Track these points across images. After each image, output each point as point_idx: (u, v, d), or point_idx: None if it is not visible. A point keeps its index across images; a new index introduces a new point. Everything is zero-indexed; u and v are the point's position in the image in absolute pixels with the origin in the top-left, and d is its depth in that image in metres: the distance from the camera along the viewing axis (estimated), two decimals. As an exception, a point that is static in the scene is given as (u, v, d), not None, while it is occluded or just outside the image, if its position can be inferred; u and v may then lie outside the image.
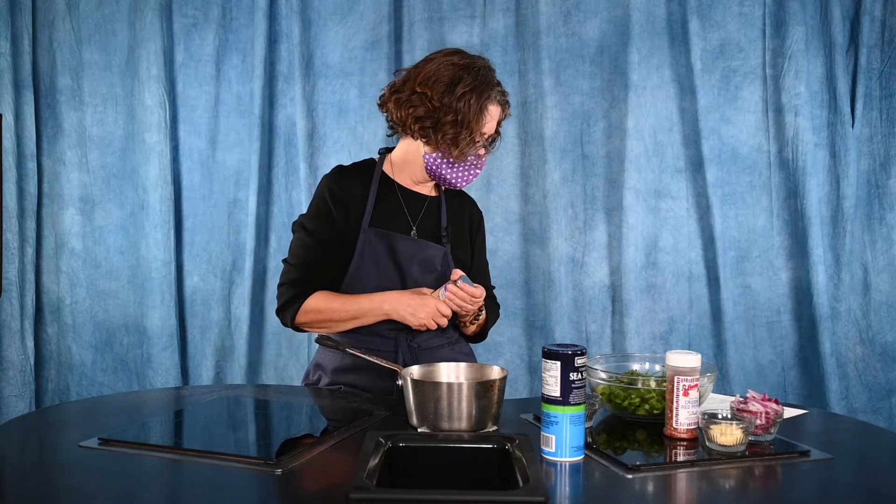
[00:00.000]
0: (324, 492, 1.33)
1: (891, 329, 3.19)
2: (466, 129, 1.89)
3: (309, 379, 2.12)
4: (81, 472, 1.42)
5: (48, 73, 3.31)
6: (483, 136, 1.95)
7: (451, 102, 1.89)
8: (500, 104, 1.96)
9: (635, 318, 3.19)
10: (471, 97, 1.89)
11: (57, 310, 3.35)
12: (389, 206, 2.01)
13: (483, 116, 1.91)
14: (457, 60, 1.94)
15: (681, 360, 1.59)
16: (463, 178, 1.99)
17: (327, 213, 1.97)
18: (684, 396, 1.58)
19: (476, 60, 1.96)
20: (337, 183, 1.99)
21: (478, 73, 1.93)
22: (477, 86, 1.91)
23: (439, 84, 1.90)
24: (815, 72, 3.17)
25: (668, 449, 1.57)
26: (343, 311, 1.93)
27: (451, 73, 1.91)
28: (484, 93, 1.91)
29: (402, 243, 1.97)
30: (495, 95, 1.94)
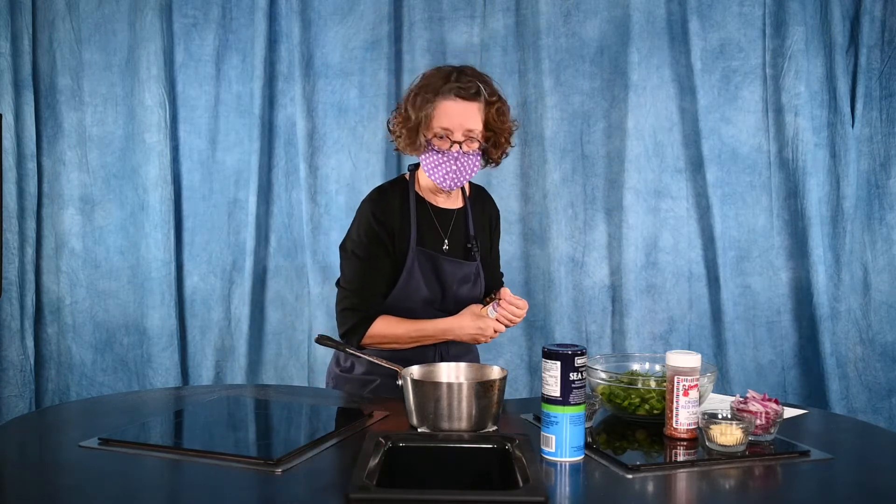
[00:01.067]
0: (324, 492, 1.33)
1: (891, 329, 3.19)
2: (414, 123, 1.95)
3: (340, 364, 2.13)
4: (81, 472, 1.42)
5: (48, 73, 3.31)
6: (447, 130, 1.94)
7: (406, 104, 1.99)
8: (462, 98, 1.94)
9: (635, 318, 3.19)
10: (419, 93, 1.96)
11: (57, 310, 3.35)
12: (425, 224, 2.07)
13: (430, 109, 1.93)
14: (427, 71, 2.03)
15: (681, 360, 1.59)
16: (441, 178, 1.98)
17: (375, 237, 2.01)
18: (684, 396, 1.58)
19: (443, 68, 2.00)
20: (380, 208, 2.04)
21: (432, 76, 1.98)
22: (428, 83, 1.96)
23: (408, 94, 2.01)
24: (815, 72, 3.17)
25: (668, 449, 1.57)
26: (408, 337, 2.01)
27: (417, 81, 2.01)
28: (432, 87, 1.94)
29: (447, 264, 2.06)
30: (450, 90, 1.93)
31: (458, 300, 2.08)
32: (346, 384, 2.09)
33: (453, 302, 2.08)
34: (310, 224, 3.27)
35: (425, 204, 2.09)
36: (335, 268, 3.29)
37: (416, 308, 2.04)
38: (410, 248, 2.02)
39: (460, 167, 1.96)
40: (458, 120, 1.94)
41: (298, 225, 3.33)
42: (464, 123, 1.95)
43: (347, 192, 3.28)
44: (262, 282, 3.35)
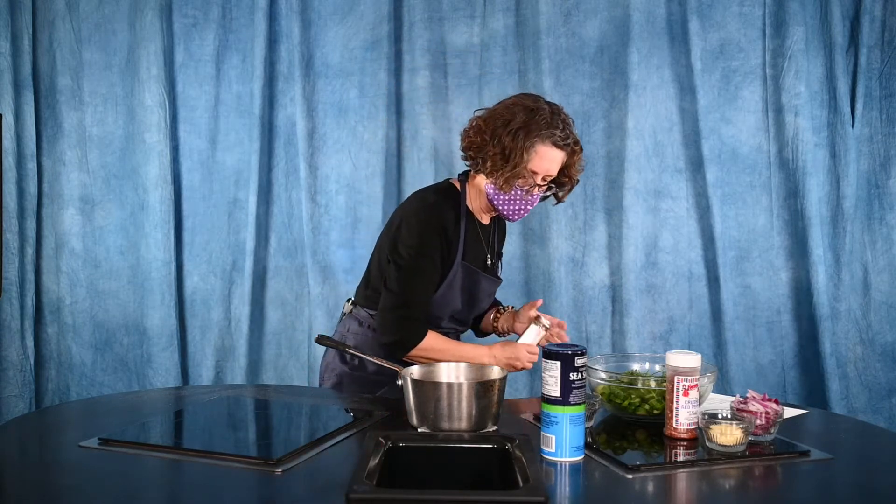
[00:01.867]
0: (324, 492, 1.33)
1: (891, 329, 3.19)
2: (511, 162, 1.96)
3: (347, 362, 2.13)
4: (81, 472, 1.42)
5: (48, 73, 3.30)
6: (534, 174, 1.99)
7: (501, 136, 1.97)
8: (557, 147, 1.98)
9: (635, 318, 3.19)
10: (520, 133, 1.96)
11: (57, 310, 3.35)
12: (471, 239, 2.10)
13: (529, 154, 1.96)
14: (524, 101, 2.02)
15: (681, 360, 1.59)
16: (513, 213, 2.06)
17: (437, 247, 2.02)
18: (684, 396, 1.58)
19: (543, 104, 2.01)
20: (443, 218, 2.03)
21: (536, 113, 1.98)
22: (529, 124, 1.96)
23: (498, 119, 2.00)
24: (815, 72, 3.17)
25: (668, 449, 1.57)
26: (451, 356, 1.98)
27: (512, 111, 2.00)
28: (535, 132, 1.96)
29: (485, 282, 2.12)
30: (550, 136, 1.97)
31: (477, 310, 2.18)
32: (354, 383, 2.09)
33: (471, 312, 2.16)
34: (310, 224, 3.27)
35: (473, 219, 2.12)
36: (335, 268, 3.31)
37: (441, 321, 2.09)
38: (456, 261, 2.05)
39: (531, 208, 2.07)
40: (547, 167, 2.00)
41: (298, 225, 3.33)
42: (550, 170, 2.01)
43: (347, 192, 3.28)
44: (262, 282, 3.35)
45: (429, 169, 3.28)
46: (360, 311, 2.15)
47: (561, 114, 2.01)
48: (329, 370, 2.16)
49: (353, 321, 2.15)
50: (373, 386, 2.07)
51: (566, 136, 1.99)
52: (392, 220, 2.10)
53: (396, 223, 2.06)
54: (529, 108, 1.99)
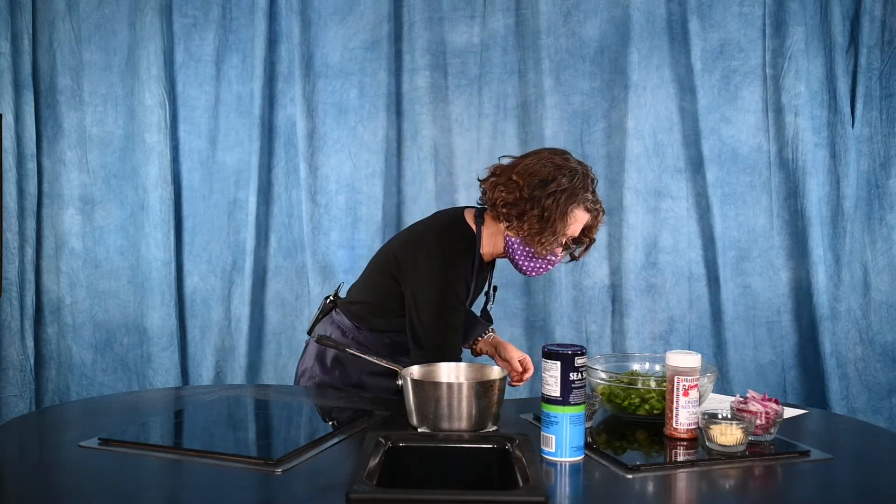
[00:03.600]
0: (324, 492, 1.33)
1: (891, 329, 3.19)
2: (550, 227, 1.94)
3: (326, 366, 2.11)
4: (81, 472, 1.42)
5: (48, 73, 3.30)
6: (566, 236, 1.99)
7: (540, 197, 1.93)
8: (588, 211, 1.99)
9: (635, 318, 3.19)
10: (560, 197, 1.93)
11: (57, 310, 3.35)
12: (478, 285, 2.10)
13: (568, 218, 1.95)
14: (558, 160, 1.98)
15: (681, 360, 1.59)
16: (534, 270, 2.05)
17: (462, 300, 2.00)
18: (684, 396, 1.58)
19: (576, 165, 1.99)
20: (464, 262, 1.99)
21: (573, 176, 1.96)
22: (568, 188, 1.94)
23: (534, 178, 1.95)
24: (815, 72, 3.17)
25: (668, 449, 1.57)
26: None
27: (549, 170, 1.95)
28: (574, 196, 1.94)
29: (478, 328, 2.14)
30: (585, 202, 1.97)
31: None
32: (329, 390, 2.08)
33: None
34: (310, 224, 3.27)
35: (483, 264, 2.08)
36: (335, 268, 3.31)
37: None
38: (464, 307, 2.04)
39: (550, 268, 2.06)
40: (576, 228, 2.00)
41: (298, 225, 3.33)
42: (577, 230, 2.01)
43: (347, 192, 3.28)
44: (262, 282, 3.35)
45: (429, 169, 3.28)
46: (342, 319, 2.11)
47: (590, 174, 2.00)
48: (307, 376, 2.12)
49: (336, 329, 2.11)
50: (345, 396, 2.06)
51: (596, 200, 2.01)
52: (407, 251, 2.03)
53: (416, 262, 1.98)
54: (568, 169, 1.96)
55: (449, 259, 1.97)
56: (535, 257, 2.01)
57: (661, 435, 1.63)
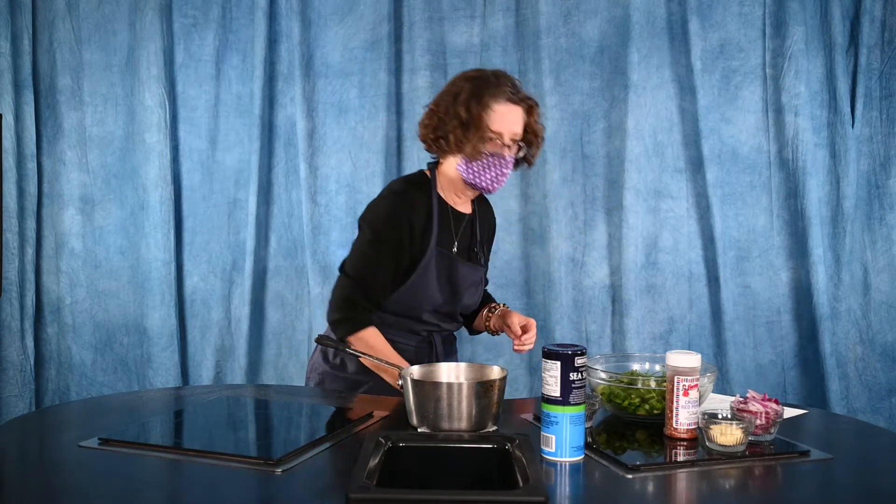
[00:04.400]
0: (324, 492, 1.33)
1: (891, 329, 3.19)
2: (474, 127, 1.97)
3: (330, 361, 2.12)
4: (81, 472, 1.42)
5: (48, 73, 3.31)
6: (499, 134, 1.99)
7: (455, 109, 1.99)
8: (513, 103, 2.00)
9: (635, 318, 3.18)
10: (471, 99, 1.98)
11: (57, 310, 3.35)
12: (443, 225, 2.09)
13: (487, 114, 1.97)
14: (465, 74, 2.06)
15: (681, 360, 1.59)
16: (489, 182, 2.03)
17: (398, 234, 2.01)
18: (684, 396, 1.58)
19: (485, 72, 2.04)
20: (407, 204, 2.04)
21: (479, 78, 2.02)
22: (477, 88, 1.99)
23: (445, 97, 2.03)
24: (815, 72, 3.17)
25: (668, 449, 1.57)
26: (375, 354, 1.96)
27: (458, 86, 2.03)
28: (486, 92, 1.98)
29: (462, 267, 2.10)
30: (501, 94, 1.98)
31: (464, 303, 2.13)
32: (335, 382, 2.09)
33: (456, 304, 2.11)
34: (310, 224, 3.27)
35: (446, 205, 2.10)
36: (335, 268, 3.28)
37: (421, 313, 2.05)
38: (430, 247, 2.03)
39: (507, 172, 2.03)
40: (510, 126, 2.00)
41: (298, 225, 3.33)
42: (513, 128, 2.01)
43: (347, 192, 3.28)
44: (262, 282, 3.35)
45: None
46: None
47: (506, 75, 2.04)
48: (313, 370, 2.16)
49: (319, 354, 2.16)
50: (353, 384, 2.06)
51: (517, 90, 2.02)
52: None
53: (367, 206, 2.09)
54: (473, 77, 2.02)
55: (391, 196, 2.06)
56: (484, 168, 2.01)
57: (661, 435, 1.62)
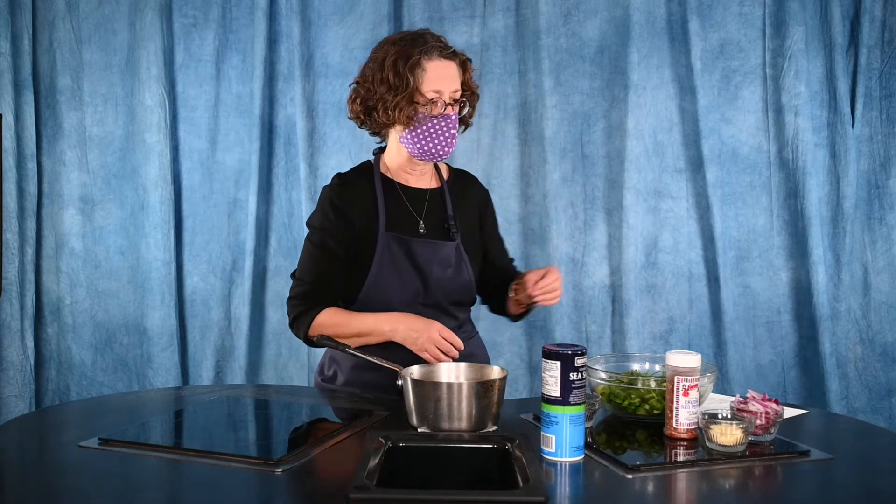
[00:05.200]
0: (324, 492, 1.33)
1: (891, 329, 3.19)
2: (401, 92, 1.86)
3: (324, 373, 2.09)
4: (81, 472, 1.42)
5: (48, 73, 3.31)
6: (439, 93, 1.87)
7: (383, 75, 1.88)
8: (446, 58, 1.88)
9: (635, 318, 3.18)
10: (398, 61, 1.87)
11: (57, 310, 3.35)
12: (395, 207, 1.98)
13: (416, 74, 1.85)
14: (391, 38, 1.95)
15: (681, 360, 1.59)
16: (436, 147, 1.90)
17: (333, 224, 1.95)
18: (684, 396, 1.58)
19: (410, 32, 1.94)
20: (338, 193, 1.97)
21: (406, 39, 1.90)
22: (404, 49, 1.88)
23: (371, 65, 1.93)
24: (815, 72, 3.17)
25: (668, 449, 1.57)
26: (348, 329, 1.90)
27: (383, 51, 1.92)
28: (412, 52, 1.86)
29: (420, 246, 1.95)
30: (431, 51, 1.87)
31: (442, 287, 1.96)
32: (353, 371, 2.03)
33: (438, 290, 1.95)
34: (310, 224, 3.27)
35: (394, 186, 2.00)
36: (335, 268, 3.31)
37: (393, 305, 1.93)
38: (380, 234, 1.93)
39: (455, 132, 1.90)
40: (447, 80, 1.88)
41: (298, 225, 3.33)
42: (452, 83, 1.89)
43: (347, 192, 3.27)
44: (262, 282, 3.35)
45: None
46: None
47: (432, 32, 1.93)
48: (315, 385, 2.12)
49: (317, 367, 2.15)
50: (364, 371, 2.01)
51: (445, 46, 1.90)
52: None
53: None
54: (398, 39, 1.92)
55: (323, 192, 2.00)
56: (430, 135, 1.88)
57: (661, 435, 1.62)
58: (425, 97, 1.87)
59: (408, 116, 1.88)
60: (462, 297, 2.03)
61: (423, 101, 1.88)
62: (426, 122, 1.88)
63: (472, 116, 2.02)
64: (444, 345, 1.84)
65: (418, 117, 1.88)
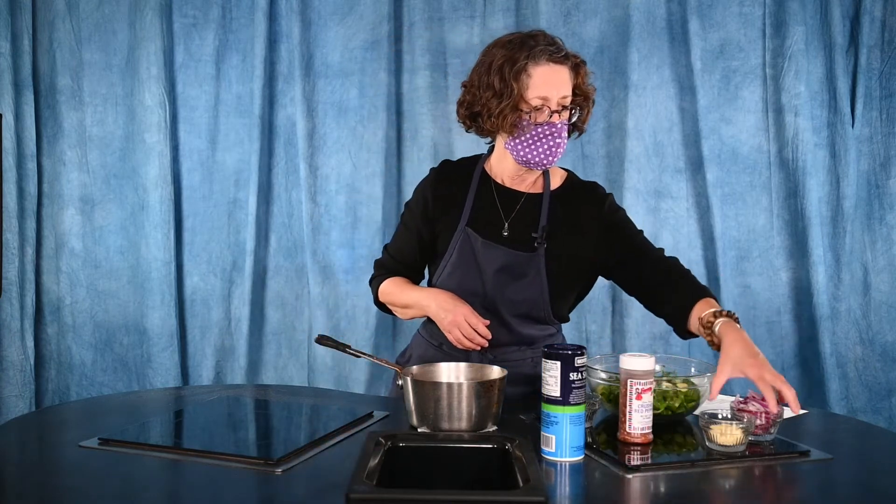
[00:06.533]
0: (324, 492, 1.33)
1: (891, 329, 3.19)
2: (505, 98, 1.78)
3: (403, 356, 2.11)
4: (81, 472, 1.42)
5: (48, 73, 3.30)
6: (545, 99, 1.79)
7: (489, 80, 1.80)
8: (555, 62, 1.79)
9: (635, 318, 3.18)
10: (505, 65, 1.78)
11: (57, 310, 3.35)
12: (484, 204, 1.93)
13: (521, 80, 1.77)
14: (500, 40, 1.86)
15: (634, 363, 1.56)
16: (541, 156, 1.82)
17: (423, 208, 1.98)
18: (637, 400, 1.55)
19: (520, 34, 1.85)
20: (433, 181, 2.00)
21: (514, 42, 1.81)
22: (511, 53, 1.79)
23: (479, 68, 1.84)
24: (815, 72, 3.17)
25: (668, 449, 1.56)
26: (399, 298, 1.99)
27: (491, 54, 1.83)
28: (518, 56, 1.77)
29: (484, 248, 1.88)
30: (541, 55, 1.77)
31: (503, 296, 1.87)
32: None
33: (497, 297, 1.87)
34: (310, 224, 3.27)
35: (490, 184, 1.94)
36: (335, 268, 3.31)
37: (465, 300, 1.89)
38: (459, 227, 1.90)
39: (561, 141, 1.81)
40: (555, 86, 1.79)
41: (298, 225, 3.33)
42: (560, 89, 1.79)
43: (347, 192, 3.28)
44: (262, 282, 3.35)
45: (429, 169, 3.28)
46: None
47: (545, 34, 1.83)
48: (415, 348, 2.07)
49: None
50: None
51: (558, 48, 1.80)
52: None
53: None
54: (507, 41, 1.82)
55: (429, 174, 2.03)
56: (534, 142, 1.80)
57: (661, 435, 1.62)
58: (530, 104, 1.79)
59: (511, 124, 1.80)
60: (529, 312, 1.92)
61: (527, 109, 1.79)
62: (530, 130, 1.80)
63: (585, 122, 1.92)
64: (466, 329, 1.82)
65: (522, 125, 1.80)
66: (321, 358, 3.26)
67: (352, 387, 3.25)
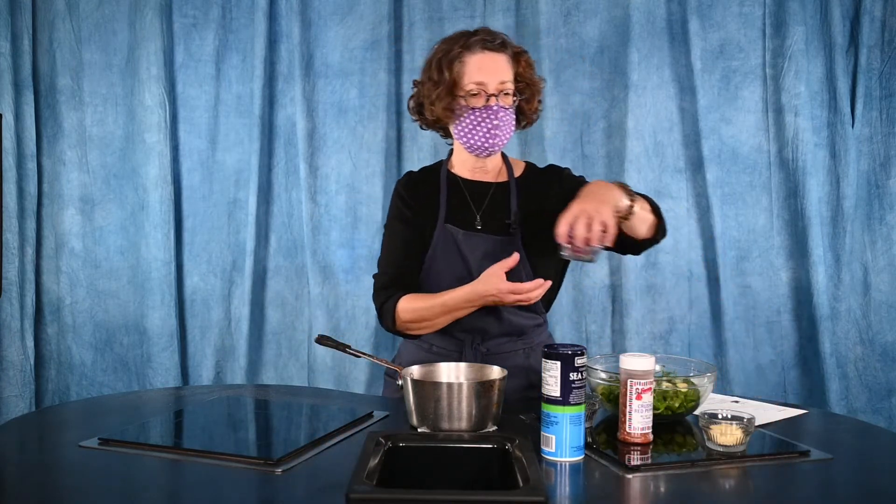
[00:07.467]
0: (324, 492, 1.33)
1: (891, 329, 3.19)
2: (445, 85, 1.89)
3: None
4: (81, 472, 1.42)
5: (48, 73, 3.31)
6: (480, 85, 1.88)
7: (429, 73, 1.94)
8: (489, 49, 1.90)
9: (635, 318, 3.18)
10: (443, 58, 1.91)
11: (57, 310, 3.35)
12: (456, 201, 2.01)
13: (455, 67, 1.89)
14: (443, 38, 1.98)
15: (634, 363, 1.56)
16: (483, 140, 1.91)
17: (399, 212, 2.01)
18: (637, 400, 1.55)
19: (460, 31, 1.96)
20: (405, 185, 2.05)
21: (454, 37, 1.94)
22: (448, 46, 1.92)
23: (425, 64, 1.98)
24: (815, 72, 3.17)
25: (668, 449, 1.56)
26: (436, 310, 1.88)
27: (433, 50, 1.97)
28: (454, 47, 1.90)
29: (466, 239, 1.95)
30: (476, 44, 1.89)
31: None
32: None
33: None
34: (310, 224, 3.27)
35: (457, 181, 2.03)
36: (335, 268, 3.31)
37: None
38: (438, 225, 1.97)
39: (500, 124, 1.89)
40: (490, 72, 1.88)
41: (298, 225, 3.33)
42: (497, 75, 1.89)
43: (347, 192, 3.28)
44: (262, 282, 3.35)
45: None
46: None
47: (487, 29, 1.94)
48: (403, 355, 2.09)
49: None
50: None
51: (493, 37, 1.90)
52: None
53: None
54: (447, 38, 1.96)
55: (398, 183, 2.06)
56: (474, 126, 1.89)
57: (661, 435, 1.62)
58: (465, 90, 1.90)
59: (445, 108, 1.91)
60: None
61: (462, 94, 1.90)
62: (468, 115, 1.90)
63: (535, 111, 2.02)
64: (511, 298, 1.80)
65: (459, 108, 1.91)
66: (321, 358, 3.26)
67: (352, 387, 3.25)
